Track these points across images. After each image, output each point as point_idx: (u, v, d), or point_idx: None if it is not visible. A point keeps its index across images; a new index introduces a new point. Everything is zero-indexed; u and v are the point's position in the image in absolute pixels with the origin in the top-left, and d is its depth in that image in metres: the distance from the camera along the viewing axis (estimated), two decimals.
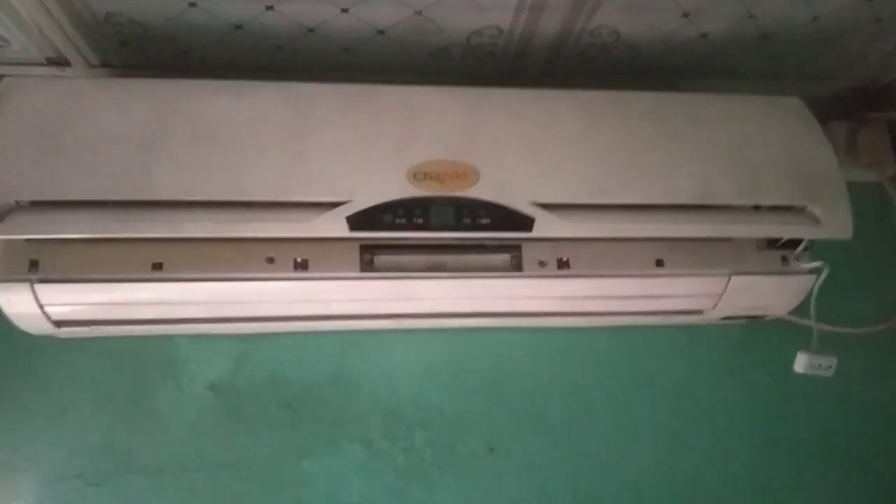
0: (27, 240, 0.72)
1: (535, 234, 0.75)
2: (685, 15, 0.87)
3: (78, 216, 0.69)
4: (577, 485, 0.95)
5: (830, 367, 0.85)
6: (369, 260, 0.78)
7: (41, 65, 0.92)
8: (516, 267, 0.80)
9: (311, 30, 0.86)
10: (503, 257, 0.80)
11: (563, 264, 0.81)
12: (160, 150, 0.72)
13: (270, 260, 0.76)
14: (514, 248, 0.80)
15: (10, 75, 0.75)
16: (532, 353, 0.98)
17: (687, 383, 1.00)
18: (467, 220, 0.74)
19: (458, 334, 0.97)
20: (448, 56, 0.95)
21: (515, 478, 0.94)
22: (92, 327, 0.80)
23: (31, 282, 0.72)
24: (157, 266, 0.74)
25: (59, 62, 0.92)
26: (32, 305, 0.74)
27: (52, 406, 0.90)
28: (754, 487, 0.98)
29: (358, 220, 0.72)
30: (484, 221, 0.75)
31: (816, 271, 0.84)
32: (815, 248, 0.86)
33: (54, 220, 0.69)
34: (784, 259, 0.85)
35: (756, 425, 1.00)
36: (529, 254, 0.80)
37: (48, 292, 0.73)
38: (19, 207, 0.69)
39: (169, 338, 0.93)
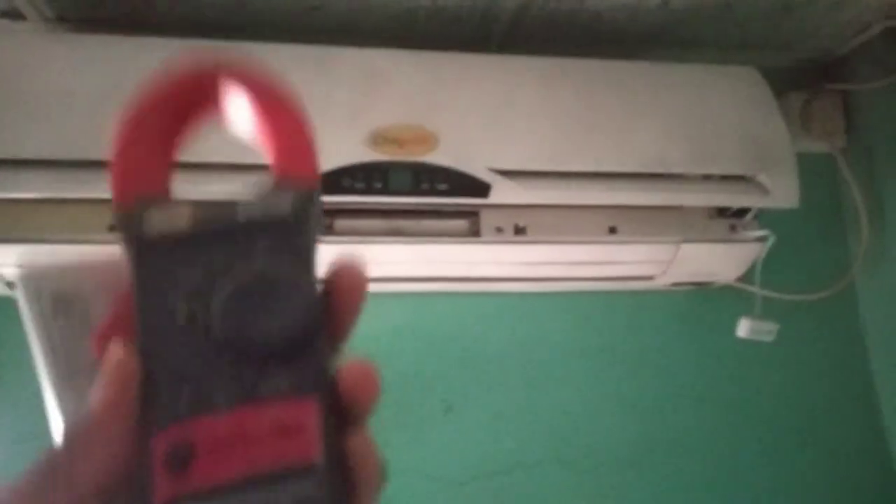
0: None
1: (492, 200, 0.77)
2: None
3: (29, 175, 0.69)
4: (531, 445, 0.98)
5: (771, 332, 0.89)
6: (328, 224, 0.79)
7: None
8: (474, 232, 0.81)
9: None
10: (461, 223, 0.82)
11: (519, 230, 0.82)
12: (114, 109, 0.71)
13: None
14: (471, 213, 0.82)
15: None
16: (488, 317, 1.00)
17: (637, 347, 1.03)
18: (426, 186, 0.76)
19: (416, 298, 0.98)
20: (414, 19, 0.95)
21: (472, 436, 0.97)
22: None
23: None
24: (114, 228, 0.74)
25: (13, 15, 0.89)
26: None
27: (9, 367, 0.90)
28: (702, 449, 1.02)
29: None
30: (442, 187, 0.76)
31: (763, 240, 0.87)
32: (764, 217, 0.89)
33: (8, 178, 0.68)
34: (732, 227, 0.88)
35: (703, 387, 1.03)
36: (487, 219, 0.82)
37: (2, 253, 0.73)
38: None
39: None
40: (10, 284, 0.77)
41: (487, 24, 0.97)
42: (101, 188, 0.70)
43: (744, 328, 0.89)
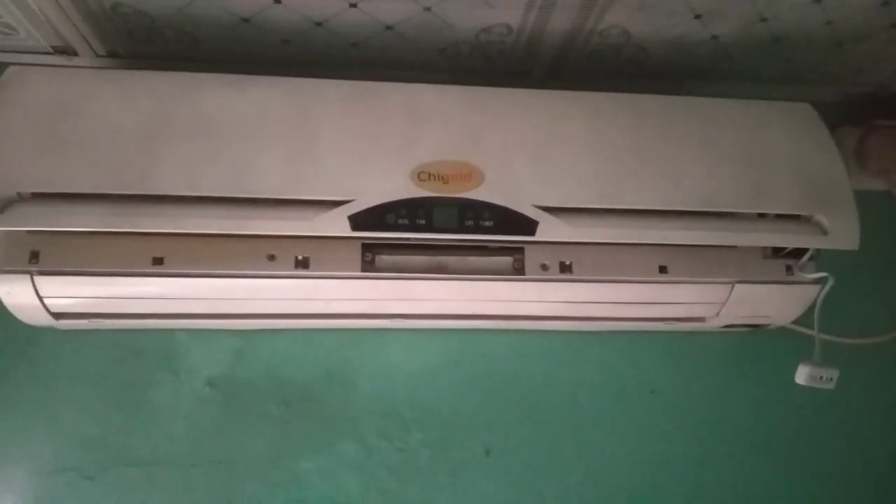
0: (28, 231, 0.72)
1: (538, 237, 0.75)
2: (697, 16, 0.86)
3: (80, 209, 0.69)
4: (573, 489, 0.94)
5: (832, 379, 0.84)
6: (370, 259, 0.77)
7: (48, 53, 0.92)
8: (519, 270, 0.79)
9: (318, 24, 0.86)
10: (505, 260, 0.80)
11: (565, 268, 0.80)
12: (163, 144, 0.72)
13: (271, 257, 0.76)
14: (516, 250, 0.80)
15: (15, 63, 0.75)
16: (531, 356, 0.98)
17: (686, 390, 0.99)
18: (470, 222, 0.74)
19: (457, 335, 0.96)
20: (456, 53, 0.94)
21: (512, 480, 0.93)
22: (91, 320, 0.80)
23: (31, 273, 0.72)
24: (158, 261, 0.74)
25: (66, 51, 0.92)
26: (32, 297, 0.73)
27: (48, 398, 0.89)
28: (751, 497, 0.97)
29: (360, 220, 0.72)
30: (487, 224, 0.74)
31: (821, 282, 0.84)
32: (821, 258, 0.85)
33: (56, 212, 0.69)
34: (788, 268, 0.85)
35: (755, 434, 0.99)
36: (532, 257, 0.80)
37: (48, 284, 0.73)
38: (21, 199, 0.68)
39: (168, 332, 0.92)
40: (56, 315, 0.77)
41: (531, 58, 0.96)
42: (147, 222, 0.70)
43: (802, 375, 0.84)
